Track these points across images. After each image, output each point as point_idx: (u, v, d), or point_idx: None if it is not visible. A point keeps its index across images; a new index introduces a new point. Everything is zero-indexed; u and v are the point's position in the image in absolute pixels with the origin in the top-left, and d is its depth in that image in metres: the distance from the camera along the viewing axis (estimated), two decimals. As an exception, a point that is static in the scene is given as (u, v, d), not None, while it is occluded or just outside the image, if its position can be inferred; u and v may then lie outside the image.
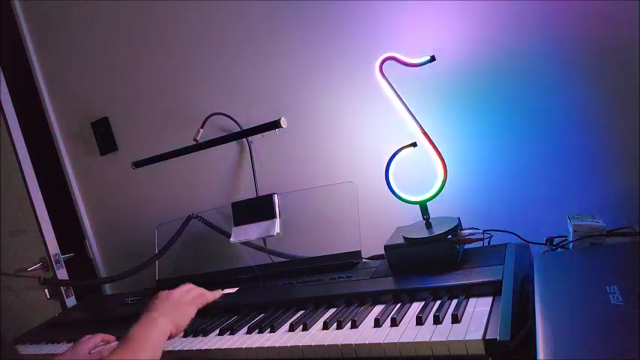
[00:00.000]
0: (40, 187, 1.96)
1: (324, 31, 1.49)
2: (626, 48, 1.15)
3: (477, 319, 0.84)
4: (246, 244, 1.49)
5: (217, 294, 1.09)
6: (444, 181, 1.17)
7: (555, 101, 1.25)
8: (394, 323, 0.91)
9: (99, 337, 1.17)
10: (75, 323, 1.56)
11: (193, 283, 1.18)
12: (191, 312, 1.02)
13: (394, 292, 1.06)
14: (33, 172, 1.96)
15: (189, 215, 1.62)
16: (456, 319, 0.85)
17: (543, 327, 0.68)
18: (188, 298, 1.04)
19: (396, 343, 0.84)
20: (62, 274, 1.95)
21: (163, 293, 1.03)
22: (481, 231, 1.14)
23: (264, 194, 1.50)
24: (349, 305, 1.07)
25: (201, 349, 1.04)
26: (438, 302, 0.95)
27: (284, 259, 1.48)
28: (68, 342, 1.35)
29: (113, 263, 2.10)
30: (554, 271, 0.89)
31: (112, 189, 2.03)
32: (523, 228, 1.22)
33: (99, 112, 1.99)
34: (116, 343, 1.03)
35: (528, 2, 1.23)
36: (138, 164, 1.75)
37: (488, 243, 1.19)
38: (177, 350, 1.07)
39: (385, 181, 1.21)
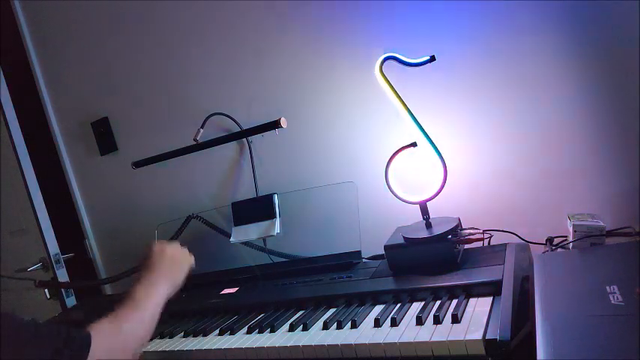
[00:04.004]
0: (40, 187, 1.96)
1: (325, 31, 1.48)
2: (626, 48, 1.15)
3: (477, 319, 0.85)
4: (246, 244, 1.49)
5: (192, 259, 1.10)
6: (443, 181, 1.17)
7: (555, 101, 1.25)
8: (394, 323, 0.91)
9: None
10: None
11: (193, 283, 1.18)
12: (185, 269, 1.03)
13: (394, 292, 1.06)
14: (33, 172, 1.95)
15: (189, 215, 1.62)
16: (456, 319, 0.85)
17: (543, 327, 0.68)
18: (181, 255, 1.06)
19: (396, 343, 0.84)
20: (62, 274, 1.95)
21: (157, 250, 1.04)
22: (481, 231, 1.14)
23: (264, 194, 1.50)
24: (349, 305, 1.07)
25: (201, 349, 1.04)
26: (438, 302, 0.96)
27: (284, 259, 1.48)
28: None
29: (113, 263, 2.10)
30: (554, 271, 0.89)
31: (112, 189, 2.03)
32: (523, 228, 1.22)
33: (99, 112, 1.99)
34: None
35: (528, 2, 1.23)
36: (138, 164, 1.75)
37: (489, 243, 1.18)
38: (178, 350, 1.07)
39: (385, 181, 1.21)
